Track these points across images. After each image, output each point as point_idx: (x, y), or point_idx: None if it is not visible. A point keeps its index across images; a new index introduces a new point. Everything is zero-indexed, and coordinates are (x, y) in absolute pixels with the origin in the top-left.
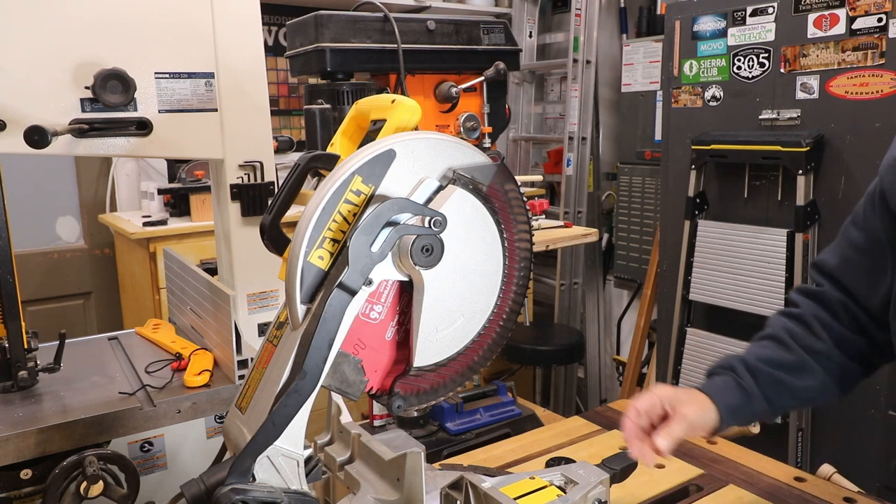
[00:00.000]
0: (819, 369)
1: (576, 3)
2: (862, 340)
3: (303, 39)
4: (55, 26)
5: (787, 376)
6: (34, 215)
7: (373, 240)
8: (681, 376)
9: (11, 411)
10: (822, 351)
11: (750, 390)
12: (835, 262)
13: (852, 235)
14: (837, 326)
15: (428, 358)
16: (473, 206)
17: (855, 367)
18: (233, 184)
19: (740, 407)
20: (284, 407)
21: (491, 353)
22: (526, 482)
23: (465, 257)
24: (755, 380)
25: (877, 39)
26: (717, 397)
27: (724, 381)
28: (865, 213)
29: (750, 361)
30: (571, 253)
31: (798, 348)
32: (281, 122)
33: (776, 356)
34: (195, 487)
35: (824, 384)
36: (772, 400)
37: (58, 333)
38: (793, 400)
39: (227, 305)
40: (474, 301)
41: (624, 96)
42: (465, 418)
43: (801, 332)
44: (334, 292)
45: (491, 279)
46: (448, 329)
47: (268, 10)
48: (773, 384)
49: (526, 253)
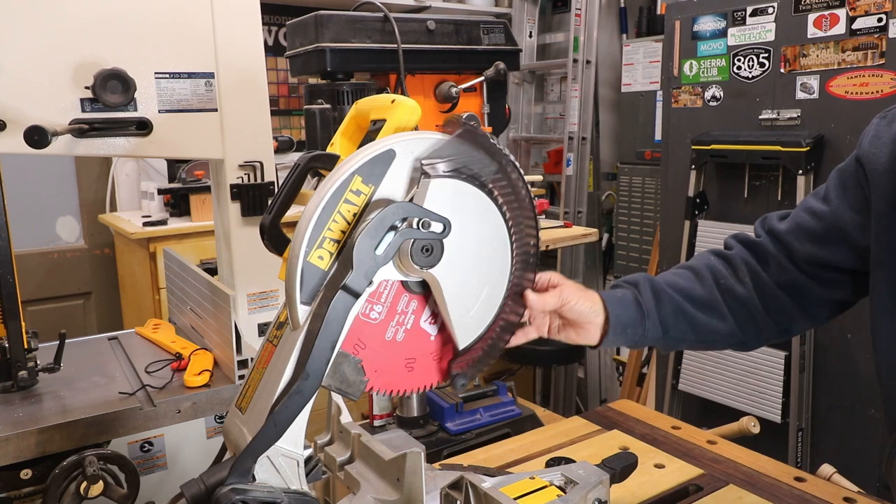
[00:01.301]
0: (729, 315)
1: (576, 3)
2: (787, 298)
3: (303, 39)
4: (55, 26)
5: (692, 308)
6: (34, 215)
7: (377, 243)
8: (681, 376)
9: (11, 411)
10: (741, 296)
11: (646, 309)
12: (784, 227)
13: (812, 206)
14: (765, 277)
15: (470, 336)
16: (453, 187)
17: (770, 324)
18: (233, 184)
19: (631, 322)
20: (286, 408)
21: (521, 298)
22: (526, 482)
23: (467, 237)
24: (656, 301)
25: (877, 39)
26: (610, 304)
27: (623, 294)
28: (828, 195)
29: (657, 283)
30: (571, 253)
31: (713, 286)
32: (281, 122)
33: (687, 286)
34: (195, 487)
35: (731, 331)
36: (668, 327)
37: (58, 333)
38: (692, 334)
39: (227, 305)
40: (492, 268)
41: (624, 96)
42: (465, 418)
43: (724, 272)
44: (338, 294)
45: (498, 240)
46: (477, 303)
47: (268, 10)
48: (673, 311)
49: (517, 195)
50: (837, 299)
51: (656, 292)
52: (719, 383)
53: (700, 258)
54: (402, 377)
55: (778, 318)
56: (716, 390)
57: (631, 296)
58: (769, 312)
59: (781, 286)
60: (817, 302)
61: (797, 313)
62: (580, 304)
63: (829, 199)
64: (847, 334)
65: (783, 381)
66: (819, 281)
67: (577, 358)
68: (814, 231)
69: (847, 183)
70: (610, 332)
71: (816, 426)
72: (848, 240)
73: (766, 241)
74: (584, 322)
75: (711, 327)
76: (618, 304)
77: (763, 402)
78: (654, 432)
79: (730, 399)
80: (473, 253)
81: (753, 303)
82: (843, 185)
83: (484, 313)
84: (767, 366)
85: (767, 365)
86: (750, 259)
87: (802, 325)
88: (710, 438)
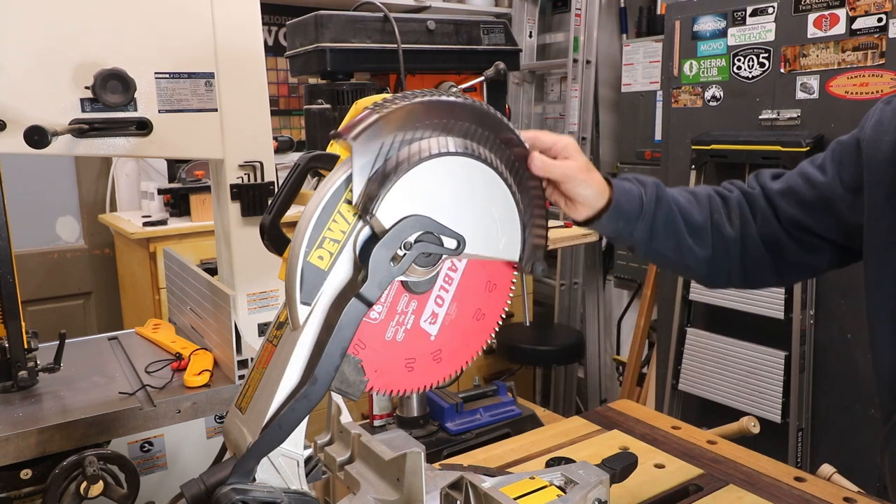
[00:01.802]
0: (710, 248)
1: (576, 3)
2: (765, 252)
3: (303, 39)
4: (55, 26)
5: (684, 227)
6: (34, 215)
7: (393, 254)
8: (681, 376)
9: (11, 411)
10: (727, 236)
11: (645, 209)
12: (776, 186)
13: (808, 172)
14: (752, 226)
15: (514, 249)
16: (430, 171)
17: (740, 271)
18: (233, 184)
19: (626, 217)
20: (293, 411)
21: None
22: (526, 482)
23: (462, 206)
24: (656, 208)
25: (877, 39)
26: (617, 193)
27: (631, 188)
28: (824, 165)
29: (662, 191)
30: (571, 253)
31: (708, 216)
32: (281, 122)
33: (687, 207)
34: (195, 487)
35: (706, 260)
36: (656, 233)
37: (58, 333)
38: (672, 253)
39: (227, 305)
40: (494, 202)
41: (624, 96)
42: (465, 418)
43: (720, 208)
44: (352, 302)
45: (494, 186)
46: (502, 236)
47: (268, 10)
48: (666, 224)
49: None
50: (812, 265)
51: (659, 200)
52: (719, 383)
53: (703, 189)
54: (402, 377)
55: (751, 268)
56: (716, 390)
57: (637, 193)
58: (745, 260)
59: (764, 239)
60: (793, 263)
61: (769, 269)
62: (582, 187)
63: (825, 171)
64: (847, 334)
65: (783, 381)
66: (800, 244)
67: (577, 358)
68: (804, 197)
69: (844, 159)
70: (604, 218)
71: (816, 426)
72: (835, 213)
73: (757, 194)
74: (579, 203)
75: (691, 250)
76: (624, 195)
77: (763, 402)
78: (654, 432)
79: (730, 399)
80: (475, 209)
81: (735, 246)
82: (839, 159)
83: (511, 234)
84: (767, 366)
85: (767, 365)
86: (744, 206)
87: (769, 282)
88: (710, 438)
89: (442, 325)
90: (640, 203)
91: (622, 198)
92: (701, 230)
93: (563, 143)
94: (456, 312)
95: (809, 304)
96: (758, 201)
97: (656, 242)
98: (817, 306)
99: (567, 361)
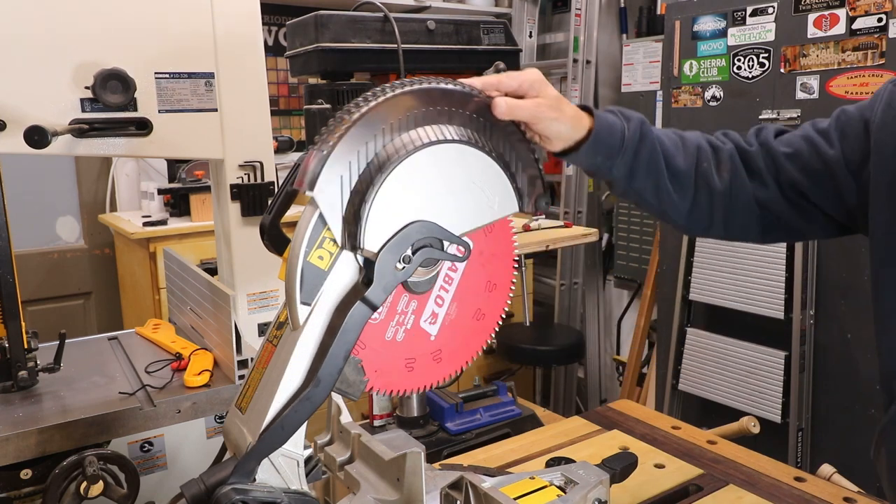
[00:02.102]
0: (692, 198)
1: (576, 3)
2: (757, 212)
3: (303, 39)
4: (55, 26)
5: (665, 170)
6: (34, 215)
7: (398, 258)
8: (681, 376)
9: (11, 411)
10: (713, 188)
11: (626, 144)
12: (784, 149)
13: (815, 141)
14: (748, 185)
15: (511, 204)
16: (398, 180)
17: (722, 224)
18: (233, 184)
19: (608, 149)
20: (295, 413)
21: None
22: (526, 482)
23: (443, 193)
24: (640, 143)
25: (877, 39)
26: (598, 123)
27: (614, 122)
28: (829, 137)
29: (647, 130)
30: (571, 253)
31: (694, 164)
32: (281, 122)
33: (672, 150)
34: (195, 487)
35: (685, 211)
36: (636, 172)
37: (58, 333)
38: (652, 196)
39: (227, 305)
40: (481, 174)
41: (624, 96)
42: (465, 418)
43: (709, 157)
44: (357, 306)
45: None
46: (493, 197)
47: (268, 10)
48: (647, 164)
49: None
50: (802, 230)
51: (643, 137)
52: (719, 383)
53: (693, 136)
54: (402, 377)
55: (735, 223)
56: (716, 390)
57: (619, 127)
58: (730, 214)
59: (758, 198)
60: (783, 225)
61: (755, 227)
62: (553, 124)
63: (832, 143)
64: (847, 334)
65: (783, 381)
66: (797, 209)
67: (577, 358)
68: (809, 165)
69: (849, 133)
70: (582, 151)
71: (816, 426)
72: (838, 189)
73: (757, 153)
74: (554, 139)
75: (672, 198)
76: (605, 128)
77: (763, 402)
78: (654, 432)
79: (730, 399)
80: (456, 189)
81: (721, 200)
82: (843, 131)
83: (499, 186)
84: (767, 366)
85: (767, 365)
86: (737, 161)
87: (750, 238)
88: (710, 438)
89: (442, 325)
90: (622, 138)
91: (602, 131)
92: (683, 176)
93: (529, 80)
94: (456, 312)
95: (809, 304)
96: (756, 160)
97: (636, 181)
98: (817, 306)
99: (567, 361)
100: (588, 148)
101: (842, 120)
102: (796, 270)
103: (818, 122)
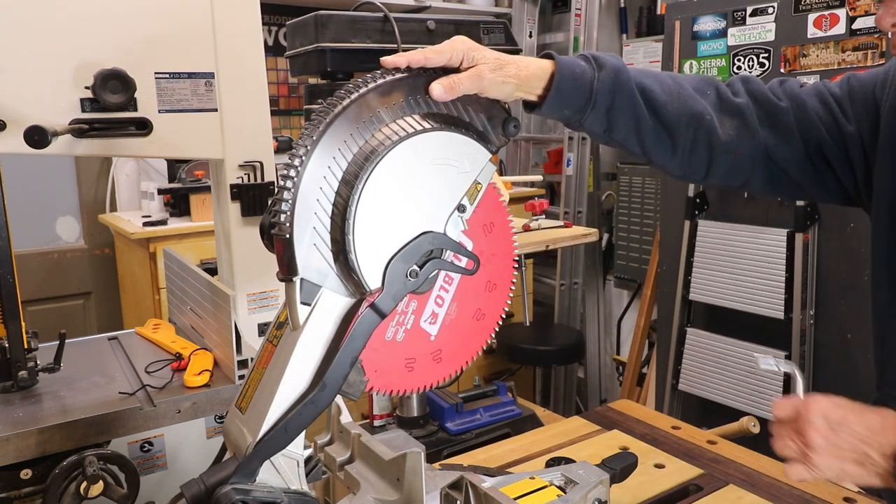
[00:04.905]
0: (689, 148)
1: (576, 3)
2: (763, 164)
3: (303, 39)
4: (55, 26)
5: (649, 120)
6: (34, 215)
7: (409, 268)
8: (681, 376)
9: (11, 411)
10: (715, 140)
11: (596, 96)
12: (822, 111)
13: (835, 112)
14: (760, 137)
15: (478, 150)
16: (368, 205)
17: (718, 174)
18: (233, 184)
19: (574, 102)
20: (300, 416)
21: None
22: (526, 482)
23: (415, 189)
24: (614, 94)
25: (877, 39)
26: (560, 75)
27: (583, 70)
28: (846, 111)
29: (626, 75)
30: (571, 253)
31: (690, 114)
32: (281, 122)
33: (662, 100)
34: (195, 487)
35: (681, 159)
36: (614, 123)
37: (58, 333)
38: (636, 142)
39: (227, 305)
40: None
41: None
42: (465, 418)
43: (714, 107)
44: (366, 313)
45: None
46: (462, 160)
47: (268, 10)
48: (627, 112)
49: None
50: (809, 192)
51: (619, 87)
52: (719, 383)
53: (697, 81)
54: (402, 377)
55: (738, 175)
56: (716, 390)
57: (588, 77)
58: (733, 168)
59: (773, 156)
60: (796, 182)
61: (761, 179)
62: (497, 87)
63: (850, 119)
64: (847, 334)
65: (783, 382)
66: (813, 169)
67: (577, 358)
68: (833, 132)
69: (860, 112)
70: (545, 107)
71: None
72: (851, 165)
73: (787, 108)
74: (507, 100)
75: (661, 148)
76: (569, 81)
77: (763, 402)
78: (654, 432)
79: (730, 399)
80: (426, 179)
81: (724, 152)
82: (861, 109)
83: (464, 148)
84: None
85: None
86: (751, 115)
87: (752, 189)
88: (710, 438)
89: (442, 325)
90: (590, 89)
91: (566, 84)
92: (675, 126)
93: (459, 52)
94: (456, 312)
95: (809, 304)
96: (785, 115)
97: (617, 132)
98: (817, 306)
99: (567, 361)
100: (551, 101)
101: (858, 92)
102: (796, 270)
103: (831, 87)
